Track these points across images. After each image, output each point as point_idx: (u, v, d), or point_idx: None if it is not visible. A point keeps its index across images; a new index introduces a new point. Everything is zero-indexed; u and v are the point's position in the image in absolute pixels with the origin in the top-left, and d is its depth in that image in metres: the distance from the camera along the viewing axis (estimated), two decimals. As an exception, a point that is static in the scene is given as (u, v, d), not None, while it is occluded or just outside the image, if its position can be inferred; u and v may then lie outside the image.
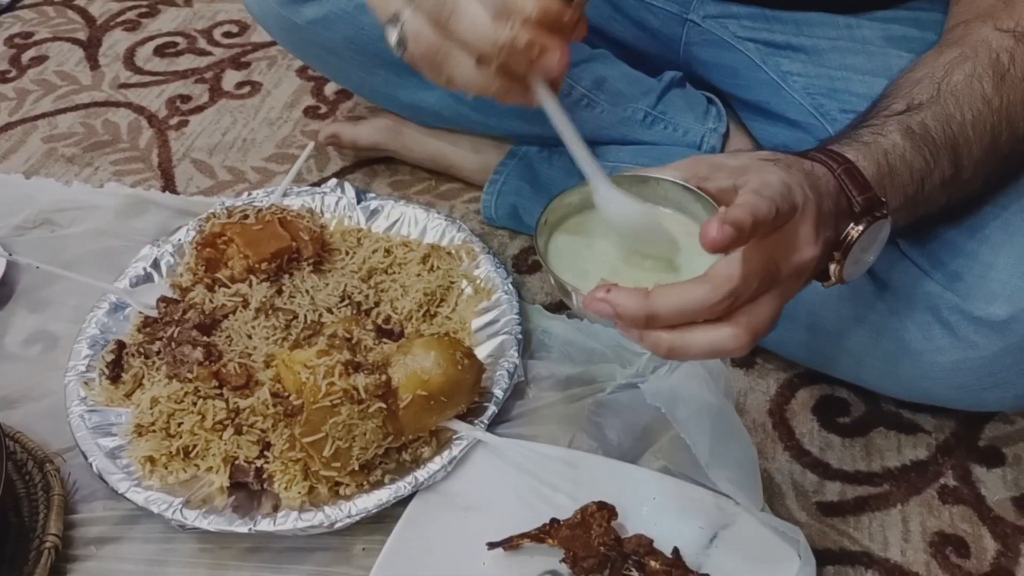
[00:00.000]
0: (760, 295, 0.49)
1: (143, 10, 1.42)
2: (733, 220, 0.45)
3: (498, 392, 0.77)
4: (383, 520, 0.70)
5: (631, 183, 0.56)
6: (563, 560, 0.66)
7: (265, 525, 0.69)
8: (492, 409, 0.76)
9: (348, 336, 0.74)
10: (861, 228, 0.54)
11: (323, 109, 1.19)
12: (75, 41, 1.35)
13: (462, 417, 0.75)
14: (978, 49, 0.62)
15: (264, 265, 0.85)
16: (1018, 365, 0.64)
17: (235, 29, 1.36)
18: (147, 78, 1.26)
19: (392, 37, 0.54)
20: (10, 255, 0.92)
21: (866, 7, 0.84)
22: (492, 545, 0.67)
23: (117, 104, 1.21)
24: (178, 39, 1.35)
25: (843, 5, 0.84)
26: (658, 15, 0.93)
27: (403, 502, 0.71)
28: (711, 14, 0.90)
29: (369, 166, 1.09)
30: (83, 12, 1.42)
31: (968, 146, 0.61)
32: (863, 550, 0.69)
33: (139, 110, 1.20)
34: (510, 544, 0.67)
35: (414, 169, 1.07)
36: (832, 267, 0.55)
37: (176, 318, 0.81)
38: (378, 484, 0.71)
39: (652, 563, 0.64)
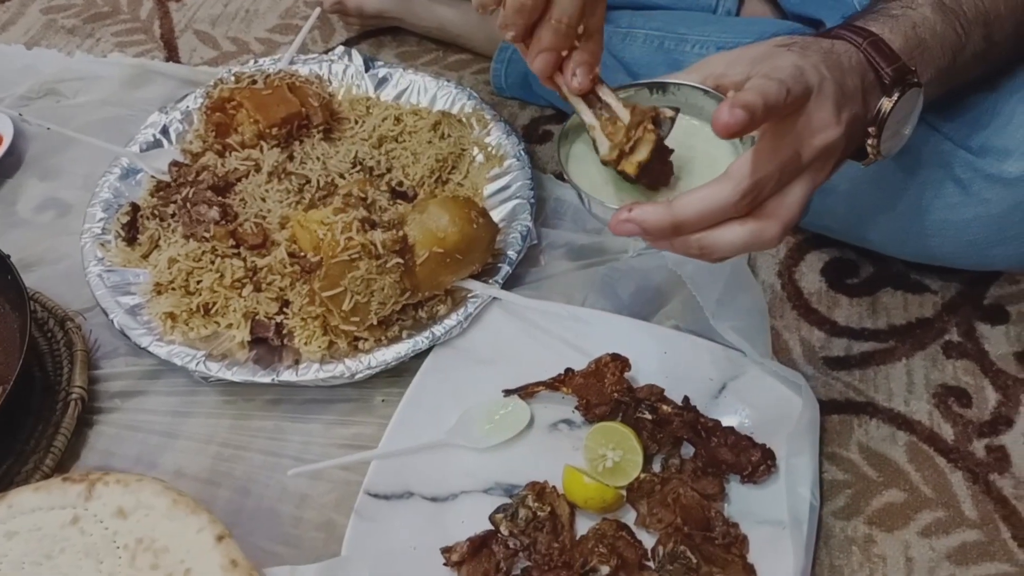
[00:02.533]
0: (785, 184, 0.48)
1: None
2: (743, 103, 0.44)
3: (512, 254, 0.78)
4: (401, 374, 0.72)
5: (649, 91, 0.56)
6: (576, 407, 0.68)
7: (288, 376, 0.71)
8: (506, 269, 0.77)
9: (363, 196, 0.74)
10: (894, 99, 0.53)
11: (327, -18, 1.16)
12: (67, -89, 1.31)
13: (477, 277, 0.76)
14: None
15: (274, 130, 0.85)
16: None
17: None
18: (144, -52, 1.23)
19: None
20: (20, 114, 0.91)
21: None
22: (508, 392, 0.69)
23: (115, -26, 1.18)
24: (174, -91, 1.30)
25: None
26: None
27: (421, 355, 0.72)
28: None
29: (375, 36, 1.07)
30: None
31: (1000, 21, 0.59)
32: (868, 400, 0.71)
33: (138, -20, 1.17)
34: (525, 391, 0.69)
35: (421, 39, 1.05)
36: (869, 143, 0.54)
37: (190, 180, 0.81)
38: (396, 339, 0.73)
39: (664, 407, 0.66)
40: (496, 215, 0.82)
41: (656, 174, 0.53)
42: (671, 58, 0.85)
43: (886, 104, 0.53)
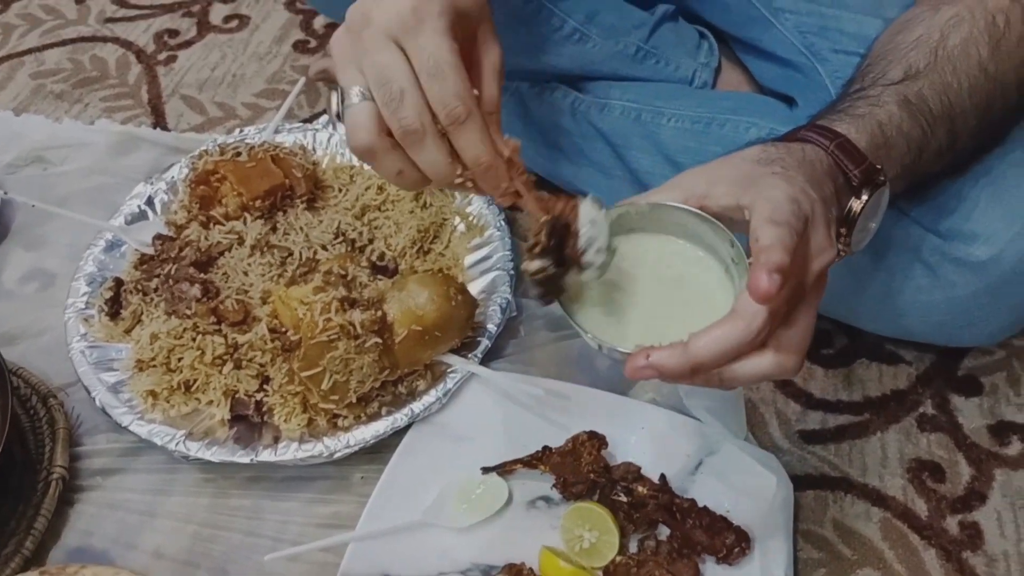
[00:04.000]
0: (792, 311, 0.49)
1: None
2: (776, 266, 0.45)
3: (491, 327, 0.79)
4: (380, 450, 0.72)
5: (635, 215, 0.56)
6: (554, 486, 0.69)
7: (266, 455, 0.71)
8: (486, 343, 0.77)
9: (343, 273, 0.75)
10: (863, 200, 0.54)
11: (312, 43, 1.18)
12: (58, -26, 1.33)
13: (456, 351, 0.77)
14: (974, 10, 0.62)
15: (258, 202, 0.86)
16: (994, 304, 0.66)
17: (221, -40, 1.34)
18: (133, 12, 1.25)
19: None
20: (5, 193, 0.92)
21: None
22: (486, 470, 0.70)
23: (104, 39, 1.20)
24: (163, -29, 1.32)
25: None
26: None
27: (399, 433, 0.73)
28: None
29: (360, 102, 1.08)
30: (65, -56, 1.39)
31: (964, 116, 0.61)
32: (842, 475, 0.72)
33: (126, 45, 1.19)
34: (503, 469, 0.70)
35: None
36: (840, 241, 0.55)
37: (173, 256, 0.82)
38: (375, 416, 0.73)
39: (640, 488, 0.66)
40: (476, 286, 0.83)
41: (556, 287, 0.54)
42: (647, 130, 0.87)
43: (856, 205, 0.55)
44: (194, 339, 0.76)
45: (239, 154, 0.89)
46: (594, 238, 0.53)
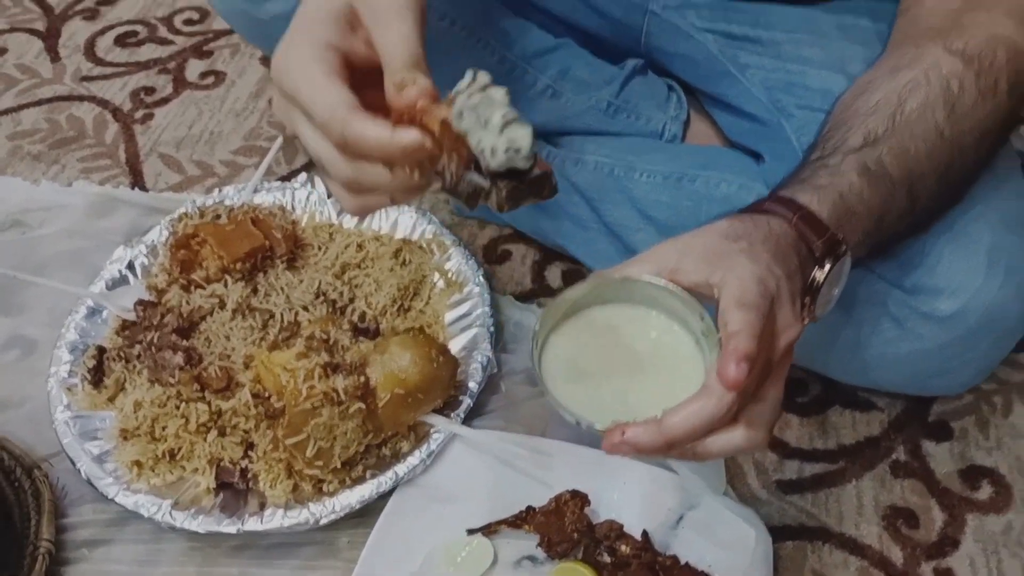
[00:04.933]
0: (762, 386, 0.51)
1: (100, -3, 1.40)
2: (744, 354, 0.47)
3: (472, 386, 0.80)
4: (366, 514, 0.73)
5: (608, 287, 0.57)
6: (539, 545, 0.70)
7: (252, 524, 0.72)
8: (467, 402, 0.79)
9: (325, 338, 0.76)
10: (826, 271, 0.56)
11: (289, 99, 1.19)
12: (33, 32, 1.33)
13: (439, 411, 0.78)
14: (930, 74, 0.64)
15: (239, 265, 0.87)
16: (962, 355, 0.68)
17: (196, 16, 1.35)
18: (109, 70, 1.26)
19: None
20: (-14, 266, 0.92)
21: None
22: (472, 531, 0.71)
23: (80, 98, 1.21)
24: (138, 28, 1.33)
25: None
26: (620, 4, 0.94)
27: (385, 496, 0.74)
28: (671, 4, 0.92)
29: (337, 157, 1.10)
30: (40, 1, 1.40)
31: (923, 178, 0.63)
32: (820, 525, 0.73)
33: (103, 104, 1.20)
34: (489, 530, 0.71)
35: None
36: (804, 311, 0.56)
37: (155, 323, 0.82)
38: (360, 480, 0.74)
39: (623, 547, 0.68)
40: (456, 343, 0.84)
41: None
42: (621, 185, 0.89)
43: (819, 275, 0.57)
44: (178, 407, 0.77)
45: (219, 217, 0.90)
46: (481, 142, 0.48)
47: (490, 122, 0.47)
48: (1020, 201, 0.72)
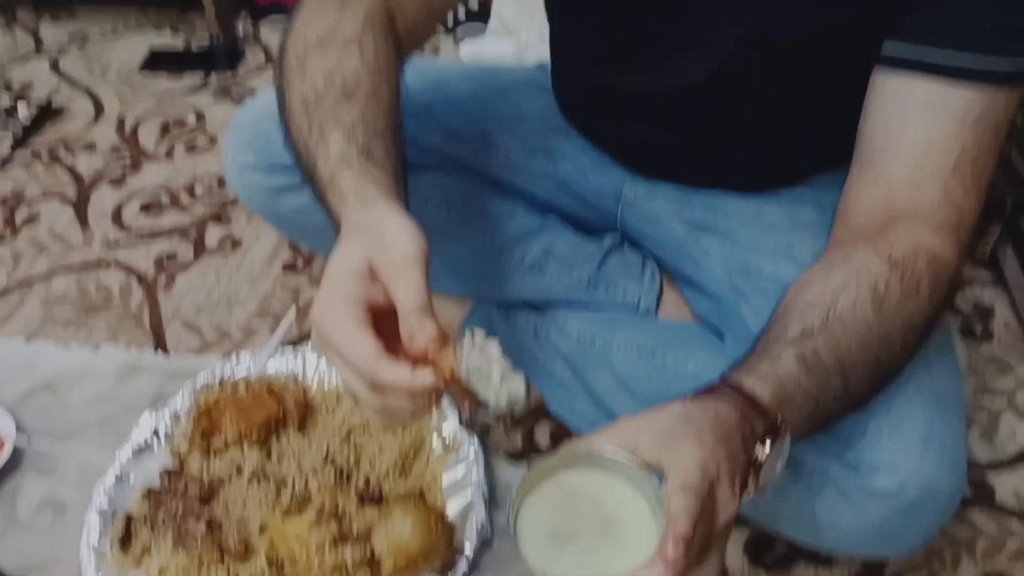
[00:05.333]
0: (702, 557, 0.58)
1: (127, 166, 1.53)
2: (681, 536, 0.54)
3: (468, 548, 0.87)
4: (371, 673, 0.80)
5: (577, 460, 0.64)
6: None
7: None
8: (463, 567, 0.86)
9: (334, 510, 0.84)
10: (766, 450, 0.64)
11: (300, 263, 1.31)
12: (65, 199, 1.46)
13: (436, 571, 0.85)
14: (860, 275, 0.72)
15: (255, 432, 0.96)
16: (904, 527, 0.76)
17: (214, 184, 1.48)
18: (135, 237, 1.37)
19: None
20: (28, 439, 1.01)
21: (772, 187, 0.98)
22: None
23: (108, 264, 1.32)
24: (161, 195, 1.46)
25: (750, 186, 0.97)
26: (596, 191, 1.06)
27: (388, 657, 0.80)
28: (641, 192, 1.03)
29: (344, 320, 1.20)
30: (70, 169, 1.53)
31: (855, 367, 0.70)
32: None
33: (129, 270, 1.31)
34: None
35: (385, 323, 1.19)
36: (746, 487, 0.64)
37: (178, 491, 0.90)
38: (365, 639, 0.81)
39: None
40: (453, 506, 0.92)
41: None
42: (602, 355, 0.98)
43: (760, 454, 0.64)
44: (199, 572, 0.84)
45: (237, 388, 0.99)
46: (488, 395, 0.59)
47: (491, 379, 0.59)
48: (952, 381, 0.81)
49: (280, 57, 0.80)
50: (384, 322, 0.63)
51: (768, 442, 0.64)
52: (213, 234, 1.37)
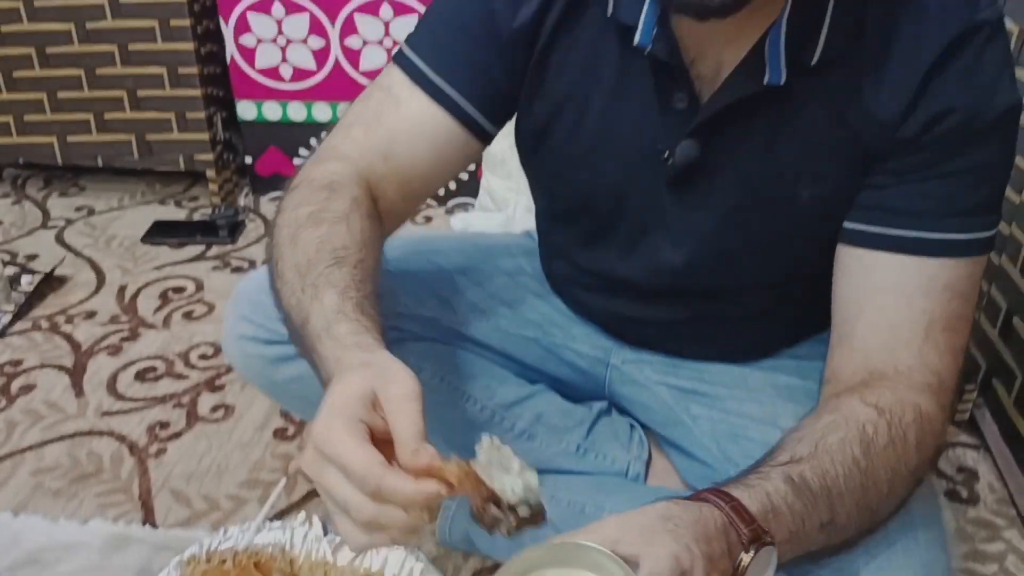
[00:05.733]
0: None
1: (125, 334, 1.57)
2: None
3: None
4: None
5: (561, 551, 0.65)
6: None
7: None
8: None
9: None
10: (750, 556, 0.65)
11: (291, 430, 1.32)
12: (61, 368, 1.48)
13: None
14: (848, 419, 0.75)
15: (241, 608, 0.94)
16: None
17: (210, 351, 1.51)
18: (128, 405, 1.39)
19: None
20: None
21: (755, 357, 1.02)
22: None
23: (101, 433, 1.33)
24: (157, 363, 1.49)
25: (735, 357, 1.01)
26: (584, 358, 1.09)
27: None
28: (628, 359, 1.07)
29: (334, 488, 1.20)
30: (69, 338, 1.56)
31: (841, 497, 0.72)
32: None
33: (121, 439, 1.31)
34: None
35: (375, 491, 1.19)
36: None
37: (161, 672, 0.88)
38: None
39: None
40: None
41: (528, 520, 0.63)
42: (591, 522, 0.99)
43: (744, 559, 0.65)
44: None
45: (224, 561, 0.98)
46: (504, 483, 0.62)
47: (511, 468, 0.63)
48: (939, 550, 0.81)
49: (272, 232, 0.85)
50: (380, 450, 0.65)
51: (753, 551, 0.65)
52: (206, 401, 1.39)
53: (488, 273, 1.11)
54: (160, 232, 1.93)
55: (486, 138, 0.92)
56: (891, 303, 0.78)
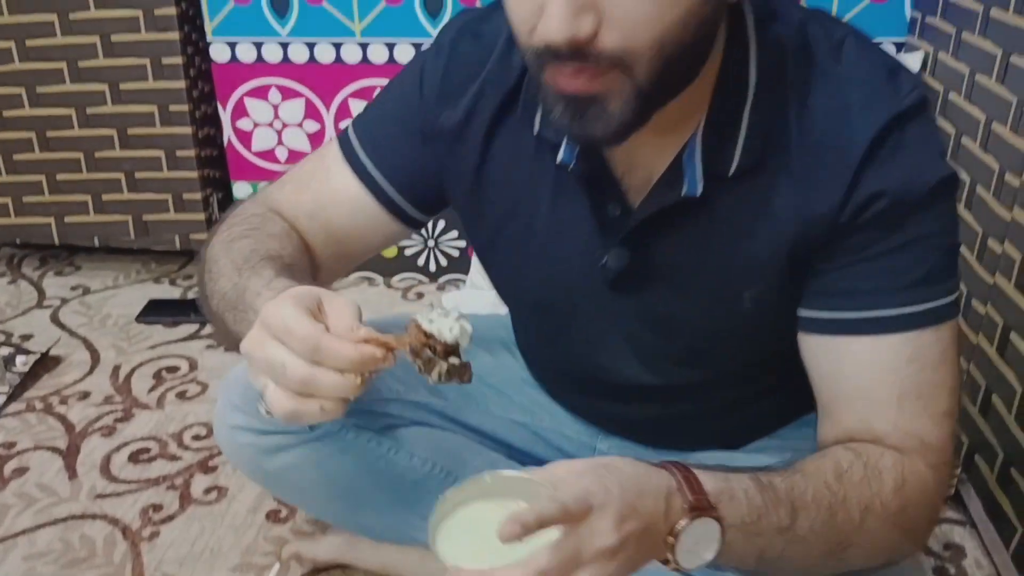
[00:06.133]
0: (565, 570, 0.61)
1: (119, 415, 1.58)
2: (520, 520, 0.59)
3: None
4: None
5: (494, 484, 0.68)
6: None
7: None
8: None
9: None
10: (686, 522, 0.66)
11: (284, 512, 1.33)
12: (55, 450, 1.49)
13: None
14: (826, 455, 0.77)
15: None
16: None
17: (203, 431, 1.53)
18: (122, 487, 1.39)
19: (262, 408, 0.69)
20: None
21: (739, 444, 1.03)
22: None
23: (94, 516, 1.33)
24: (151, 444, 1.50)
25: (714, 445, 1.02)
26: (572, 443, 1.11)
27: None
28: (614, 445, 1.09)
29: (327, 571, 1.21)
30: (63, 419, 1.57)
31: (806, 509, 0.72)
32: None
33: (114, 522, 1.32)
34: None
35: (367, 573, 1.19)
36: (668, 554, 0.67)
37: None
38: None
39: None
40: None
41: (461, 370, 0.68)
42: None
43: (681, 524, 0.66)
44: None
45: (218, 649, 0.99)
46: (442, 325, 0.67)
47: (449, 316, 0.68)
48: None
49: (204, 251, 0.89)
50: None
51: (689, 519, 0.66)
52: (199, 483, 1.40)
53: (478, 358, 1.13)
54: (155, 311, 1.96)
55: (412, 222, 0.96)
56: (860, 382, 0.79)
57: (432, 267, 2.07)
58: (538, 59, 0.67)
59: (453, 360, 0.68)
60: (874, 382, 0.78)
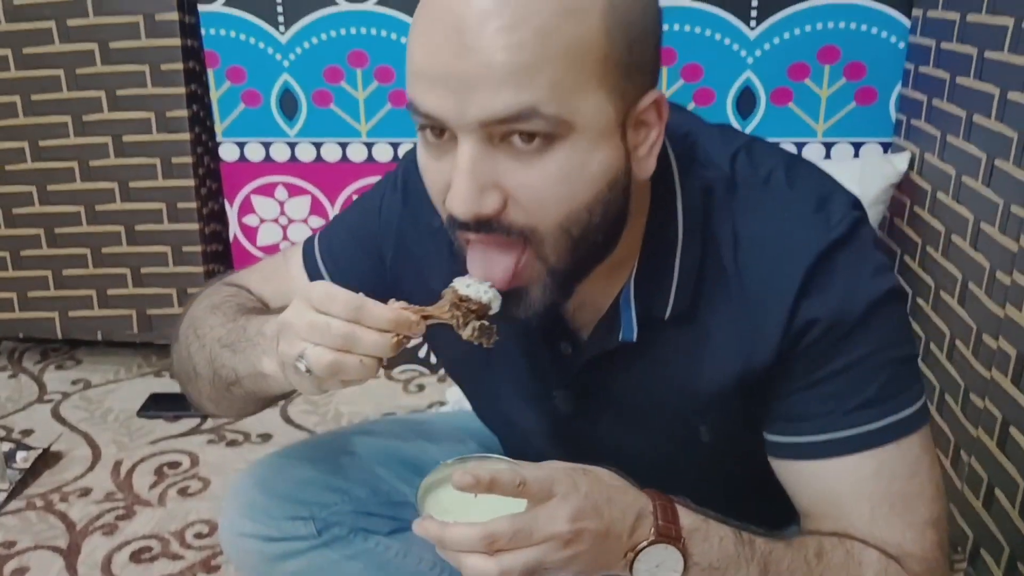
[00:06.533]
0: (517, 547, 0.63)
1: (120, 512, 1.57)
2: (474, 472, 0.62)
3: None
4: None
5: (491, 465, 0.68)
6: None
7: None
8: None
9: None
10: (646, 543, 0.67)
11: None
12: (55, 549, 1.47)
13: None
14: (813, 535, 0.77)
15: None
16: None
17: (205, 529, 1.51)
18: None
19: (302, 365, 0.70)
20: None
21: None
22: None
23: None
24: (152, 543, 1.48)
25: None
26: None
27: None
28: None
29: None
30: (63, 517, 1.56)
31: (779, 574, 0.72)
32: None
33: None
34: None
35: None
36: (627, 570, 0.68)
37: None
38: None
39: None
40: None
41: (490, 331, 0.71)
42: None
43: (644, 543, 0.67)
44: None
45: None
46: (478, 291, 0.71)
47: (484, 284, 0.72)
48: None
49: (180, 321, 0.94)
50: None
51: (654, 540, 0.68)
52: (201, 591, 1.38)
53: (478, 446, 1.14)
54: (156, 405, 1.96)
55: None
56: (831, 498, 0.78)
57: (434, 359, 2.09)
58: (451, 224, 0.71)
59: (484, 321, 0.72)
60: (844, 498, 0.78)
